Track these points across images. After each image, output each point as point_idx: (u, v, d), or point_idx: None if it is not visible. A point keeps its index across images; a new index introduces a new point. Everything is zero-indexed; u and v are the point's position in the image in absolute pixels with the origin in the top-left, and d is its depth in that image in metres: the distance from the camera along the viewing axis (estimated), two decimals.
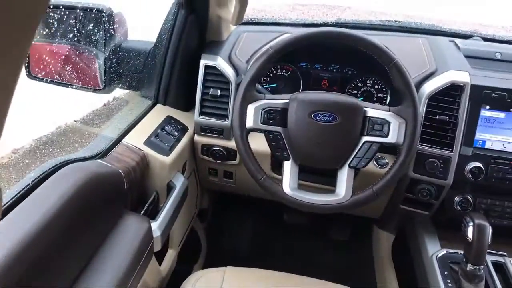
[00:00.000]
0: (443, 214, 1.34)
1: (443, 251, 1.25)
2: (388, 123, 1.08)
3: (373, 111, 1.10)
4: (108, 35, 1.34)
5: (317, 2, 2.93)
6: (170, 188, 1.26)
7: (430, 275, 1.19)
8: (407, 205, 1.39)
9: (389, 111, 1.10)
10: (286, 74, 1.49)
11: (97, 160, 1.08)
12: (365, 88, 1.45)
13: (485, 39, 1.64)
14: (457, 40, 1.50)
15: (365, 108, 1.10)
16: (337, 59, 1.46)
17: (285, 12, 2.29)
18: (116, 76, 1.44)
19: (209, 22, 1.39)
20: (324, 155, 1.11)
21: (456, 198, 1.29)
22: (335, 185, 1.13)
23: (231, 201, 2.03)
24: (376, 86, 1.44)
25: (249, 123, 1.12)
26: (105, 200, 0.99)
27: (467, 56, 1.39)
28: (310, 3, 2.84)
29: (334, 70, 1.47)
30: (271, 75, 1.49)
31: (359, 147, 1.10)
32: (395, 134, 1.08)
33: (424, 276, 1.21)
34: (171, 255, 1.42)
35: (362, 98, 1.45)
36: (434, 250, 1.26)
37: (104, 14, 1.29)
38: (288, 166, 1.13)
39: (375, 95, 1.45)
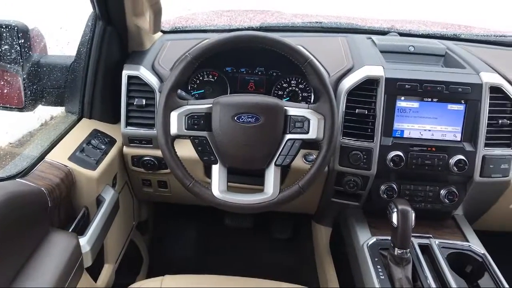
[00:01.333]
0: (372, 203, 1.39)
1: (373, 239, 1.30)
2: (308, 120, 1.12)
3: (294, 110, 1.13)
4: (24, 51, 1.31)
5: (246, 8, 2.96)
6: (99, 202, 1.24)
7: (362, 263, 1.24)
8: (338, 197, 1.43)
9: (308, 108, 1.14)
10: (213, 80, 1.50)
11: (17, 179, 1.05)
12: (290, 88, 1.49)
13: (401, 34, 1.73)
14: (374, 37, 1.58)
15: (285, 107, 1.13)
16: (262, 62, 1.49)
17: (212, 19, 2.30)
18: (37, 93, 1.41)
19: (129, 32, 1.39)
20: (250, 155, 1.13)
21: (382, 187, 1.35)
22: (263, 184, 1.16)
23: (172, 211, 2.01)
24: (300, 86, 1.48)
25: (173, 130, 1.12)
26: (27, 219, 0.96)
27: (382, 51, 1.46)
28: (239, 8, 2.87)
29: (260, 73, 1.50)
30: (198, 81, 1.50)
31: (283, 145, 1.13)
32: (315, 130, 1.12)
33: (357, 264, 1.26)
34: (107, 270, 1.39)
35: (288, 98, 1.49)
36: (365, 238, 1.31)
37: (18, 30, 1.25)
38: (216, 170, 1.14)
39: (300, 95, 1.49)
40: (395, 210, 1.16)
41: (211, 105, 1.13)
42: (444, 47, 1.51)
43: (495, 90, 1.29)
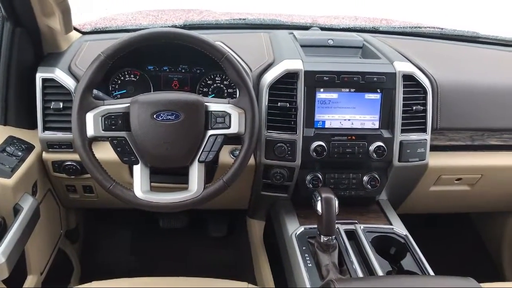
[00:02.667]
0: (300, 194, 1.42)
1: (302, 228, 1.33)
2: (229, 114, 1.13)
3: (214, 105, 1.13)
4: None
5: (177, 7, 2.93)
6: (16, 211, 1.19)
7: (291, 253, 1.26)
8: (267, 190, 1.45)
9: (228, 103, 1.14)
10: (135, 79, 1.47)
11: None
12: (215, 85, 1.49)
13: (323, 29, 1.78)
14: (296, 32, 1.61)
15: (206, 103, 1.13)
16: (185, 60, 1.48)
17: (137, 19, 2.26)
18: None
19: (42, 34, 1.33)
20: (172, 154, 1.12)
21: (308, 177, 1.39)
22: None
23: (105, 216, 1.96)
24: (225, 82, 1.49)
25: (90, 131, 1.09)
26: None
27: (303, 46, 1.50)
28: (168, 8, 2.84)
29: (183, 71, 1.49)
30: (119, 81, 1.47)
31: (205, 141, 1.13)
32: (236, 125, 1.13)
33: (286, 254, 1.28)
34: (31, 281, 1.33)
35: (213, 95, 1.49)
36: (294, 228, 1.34)
37: None
38: (138, 170, 1.12)
39: (225, 91, 1.49)
40: (319, 198, 1.19)
41: (128, 104, 1.11)
42: (361, 40, 1.57)
43: (408, 78, 1.35)
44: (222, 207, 1.71)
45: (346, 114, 1.36)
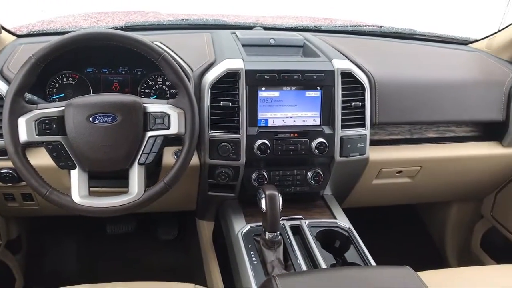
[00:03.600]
0: (246, 193, 1.43)
1: (248, 227, 1.34)
2: (168, 115, 1.12)
3: (153, 106, 1.12)
4: None
5: (123, 9, 2.88)
6: None
7: (237, 251, 1.26)
8: (213, 191, 1.45)
9: (167, 104, 1.13)
10: (73, 82, 1.44)
11: None
12: (157, 86, 1.48)
13: (266, 28, 1.79)
14: (238, 32, 1.62)
15: (144, 104, 1.12)
16: (125, 61, 1.46)
17: (78, 22, 2.20)
18: None
19: None
20: (110, 157, 1.10)
21: (253, 175, 1.39)
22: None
23: (49, 224, 1.90)
24: (167, 83, 1.48)
25: (23, 137, 1.05)
26: None
27: (245, 45, 1.51)
28: (113, 10, 2.78)
29: (124, 72, 1.47)
30: (57, 85, 1.43)
31: (144, 143, 1.12)
32: (176, 125, 1.12)
33: (233, 253, 1.29)
34: None
35: (155, 96, 1.48)
36: (240, 227, 1.34)
37: None
38: (75, 175, 1.10)
39: (168, 92, 1.48)
40: (263, 196, 1.20)
41: (63, 107, 1.08)
42: (302, 39, 1.60)
43: (346, 75, 1.38)
44: (170, 209, 1.70)
45: (288, 112, 1.38)
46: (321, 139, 1.36)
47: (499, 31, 1.73)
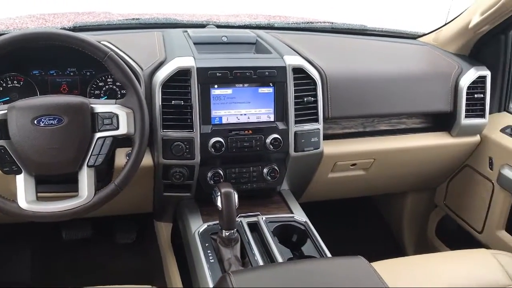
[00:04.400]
0: (202, 192, 1.42)
1: (205, 226, 1.33)
2: (116, 115, 1.10)
3: (101, 107, 1.10)
4: None
5: (74, 10, 2.81)
6: None
7: (194, 251, 1.25)
8: (169, 191, 1.43)
9: (115, 104, 1.11)
10: (19, 85, 1.39)
11: None
12: (107, 86, 1.44)
13: (219, 26, 1.78)
14: (190, 30, 1.60)
15: (92, 105, 1.09)
16: (73, 62, 1.42)
17: (26, 23, 2.13)
18: None
19: None
20: (58, 160, 1.07)
21: (209, 174, 1.39)
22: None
23: (1, 232, 1.82)
24: (118, 83, 1.45)
25: None
26: None
27: (196, 43, 1.49)
28: (64, 11, 2.71)
29: (72, 74, 1.43)
30: (1, 88, 1.38)
31: (93, 144, 1.09)
32: (125, 125, 1.10)
33: (190, 253, 1.27)
34: None
35: (106, 97, 1.44)
36: (197, 226, 1.33)
37: None
38: (21, 180, 1.06)
39: (119, 92, 1.45)
40: (219, 194, 1.20)
41: (5, 111, 1.04)
42: (254, 36, 1.60)
43: (298, 70, 1.40)
44: (127, 212, 1.67)
45: (242, 109, 1.38)
46: (276, 135, 1.37)
47: (445, 24, 1.79)
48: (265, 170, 1.43)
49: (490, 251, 1.39)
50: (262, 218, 1.37)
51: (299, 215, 1.41)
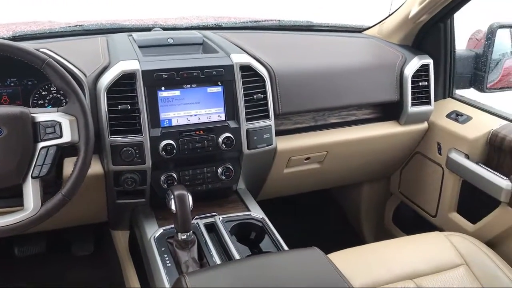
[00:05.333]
0: (157, 196, 1.40)
1: (160, 230, 1.31)
2: (59, 123, 1.06)
3: (42, 115, 1.06)
4: None
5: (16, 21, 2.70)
6: None
7: (150, 256, 1.23)
8: (122, 198, 1.40)
9: (57, 112, 1.08)
10: None
11: None
12: (51, 95, 1.40)
13: (165, 29, 1.76)
14: (135, 34, 1.58)
15: (32, 114, 1.06)
16: (14, 72, 1.37)
17: None
18: None
19: None
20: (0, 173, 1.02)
21: (162, 178, 1.37)
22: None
23: None
24: (62, 92, 1.40)
25: None
26: None
27: (141, 46, 1.47)
28: (4, 22, 2.60)
29: (12, 84, 1.38)
30: None
31: (37, 155, 1.06)
32: (68, 133, 1.07)
33: (147, 259, 1.25)
34: None
35: (50, 106, 1.40)
36: (152, 231, 1.31)
37: None
38: None
39: (64, 100, 1.41)
40: (172, 196, 1.18)
41: None
42: (201, 36, 1.59)
43: (246, 68, 1.40)
44: (82, 223, 1.62)
45: (192, 110, 1.36)
46: (228, 134, 1.37)
47: (387, 17, 1.84)
48: (219, 170, 1.42)
49: (443, 233, 1.43)
50: (219, 218, 1.36)
51: (256, 213, 1.41)
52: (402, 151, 1.80)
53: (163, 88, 1.32)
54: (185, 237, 1.19)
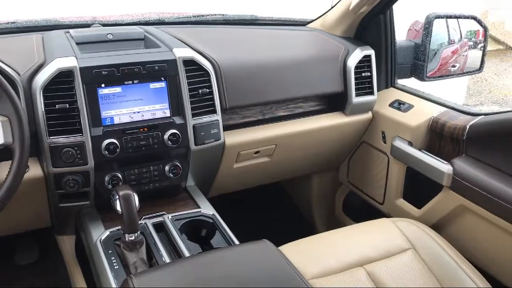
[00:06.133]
0: (102, 198, 1.35)
1: (107, 232, 1.27)
2: None
3: None
4: None
5: None
6: None
7: (97, 260, 1.19)
8: (65, 201, 1.35)
9: None
10: None
11: None
12: None
13: (105, 25, 1.70)
14: (72, 30, 1.51)
15: None
16: None
17: None
18: None
19: None
20: None
21: (106, 178, 1.32)
22: None
23: None
24: None
25: None
26: None
27: (79, 43, 1.41)
28: None
29: None
30: None
31: None
32: (0, 135, 1.01)
33: (93, 263, 1.21)
34: None
35: None
36: (98, 234, 1.27)
37: None
38: None
39: None
40: (117, 197, 1.15)
41: None
42: (142, 31, 1.55)
43: (189, 63, 1.37)
44: (25, 229, 1.55)
45: (135, 107, 1.32)
46: (173, 130, 1.34)
47: (330, 9, 1.86)
48: (166, 168, 1.39)
49: (390, 219, 1.47)
50: (168, 217, 1.33)
51: (207, 209, 1.39)
52: (348, 141, 1.84)
53: (103, 85, 1.28)
54: (132, 238, 1.16)
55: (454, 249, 1.35)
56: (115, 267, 1.14)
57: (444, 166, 1.47)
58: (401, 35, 1.91)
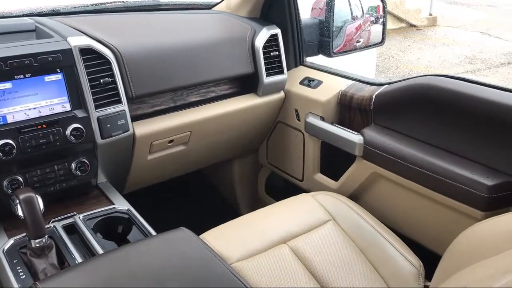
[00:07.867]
0: (2, 204, 1.24)
1: (11, 241, 1.16)
2: None
3: None
4: None
5: None
6: None
7: (1, 272, 1.09)
8: None
9: None
10: None
11: None
12: None
13: None
14: None
15: None
16: None
17: None
18: None
19: None
20: None
21: (4, 183, 1.21)
22: None
23: None
24: None
25: None
26: None
27: None
28: None
29: None
30: None
31: None
32: None
33: None
34: None
35: None
36: (1, 244, 1.16)
37: None
38: None
39: None
40: (17, 201, 1.05)
41: None
42: (33, 22, 1.43)
43: (87, 51, 1.29)
44: None
45: (30, 103, 1.22)
46: (75, 125, 1.25)
47: None
48: (72, 166, 1.31)
49: (310, 194, 1.49)
50: (79, 217, 1.25)
51: (121, 205, 1.32)
52: (264, 123, 1.84)
53: None
54: (39, 243, 1.07)
55: (372, 216, 1.40)
56: (22, 277, 1.04)
57: (355, 137, 1.52)
58: (306, 14, 1.93)
